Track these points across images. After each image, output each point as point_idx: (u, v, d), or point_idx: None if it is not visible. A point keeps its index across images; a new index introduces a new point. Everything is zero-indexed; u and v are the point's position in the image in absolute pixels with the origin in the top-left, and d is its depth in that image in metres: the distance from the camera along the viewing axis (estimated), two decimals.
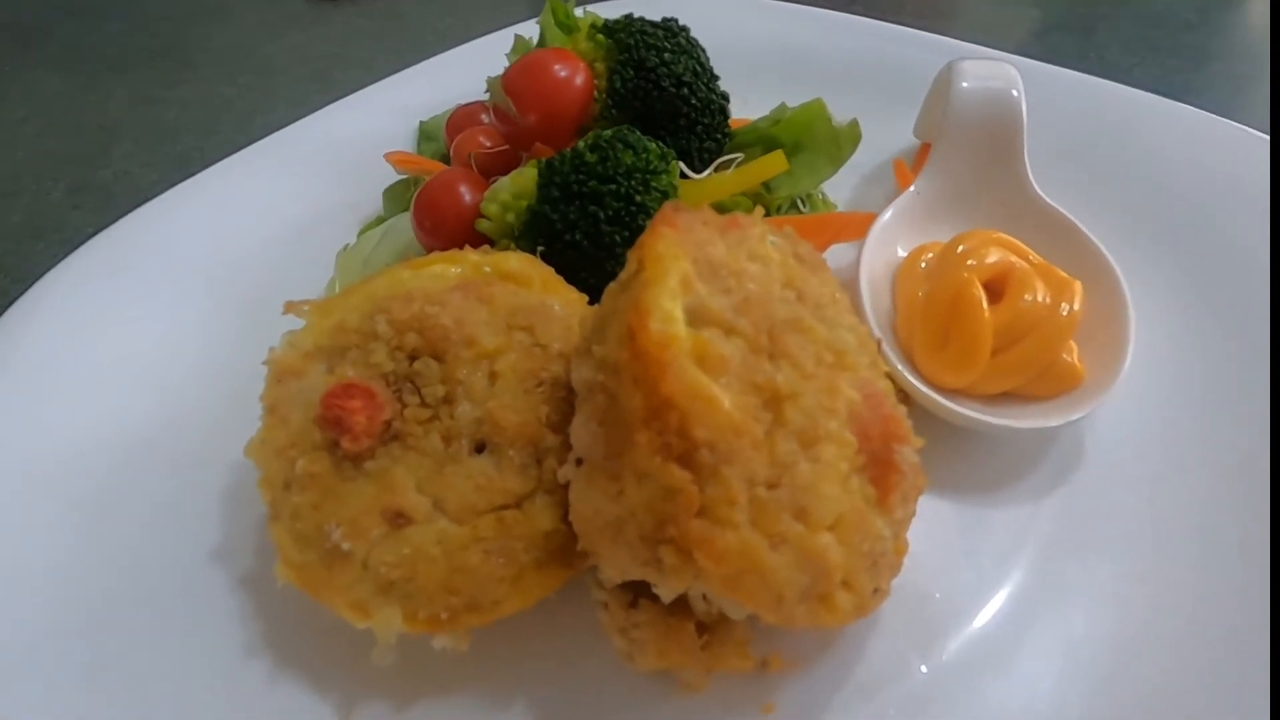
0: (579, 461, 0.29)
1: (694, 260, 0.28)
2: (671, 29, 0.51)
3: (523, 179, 0.44)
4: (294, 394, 0.36)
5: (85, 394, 0.46)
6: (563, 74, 0.48)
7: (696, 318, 0.27)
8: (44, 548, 0.39)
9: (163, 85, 0.86)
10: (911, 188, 0.48)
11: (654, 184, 0.42)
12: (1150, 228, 0.49)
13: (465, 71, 0.63)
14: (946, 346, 0.39)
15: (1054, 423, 0.37)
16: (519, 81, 0.48)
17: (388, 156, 0.57)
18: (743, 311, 0.28)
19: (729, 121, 0.54)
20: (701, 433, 0.25)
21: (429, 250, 0.48)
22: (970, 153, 0.48)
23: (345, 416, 0.32)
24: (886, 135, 0.60)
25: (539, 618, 0.33)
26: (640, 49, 0.49)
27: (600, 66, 0.50)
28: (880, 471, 0.30)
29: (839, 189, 0.57)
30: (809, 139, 0.53)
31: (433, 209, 0.47)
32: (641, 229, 0.41)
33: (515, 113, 0.47)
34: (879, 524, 0.29)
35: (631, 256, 0.29)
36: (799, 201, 0.54)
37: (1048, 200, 0.46)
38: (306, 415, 0.34)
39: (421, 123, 0.65)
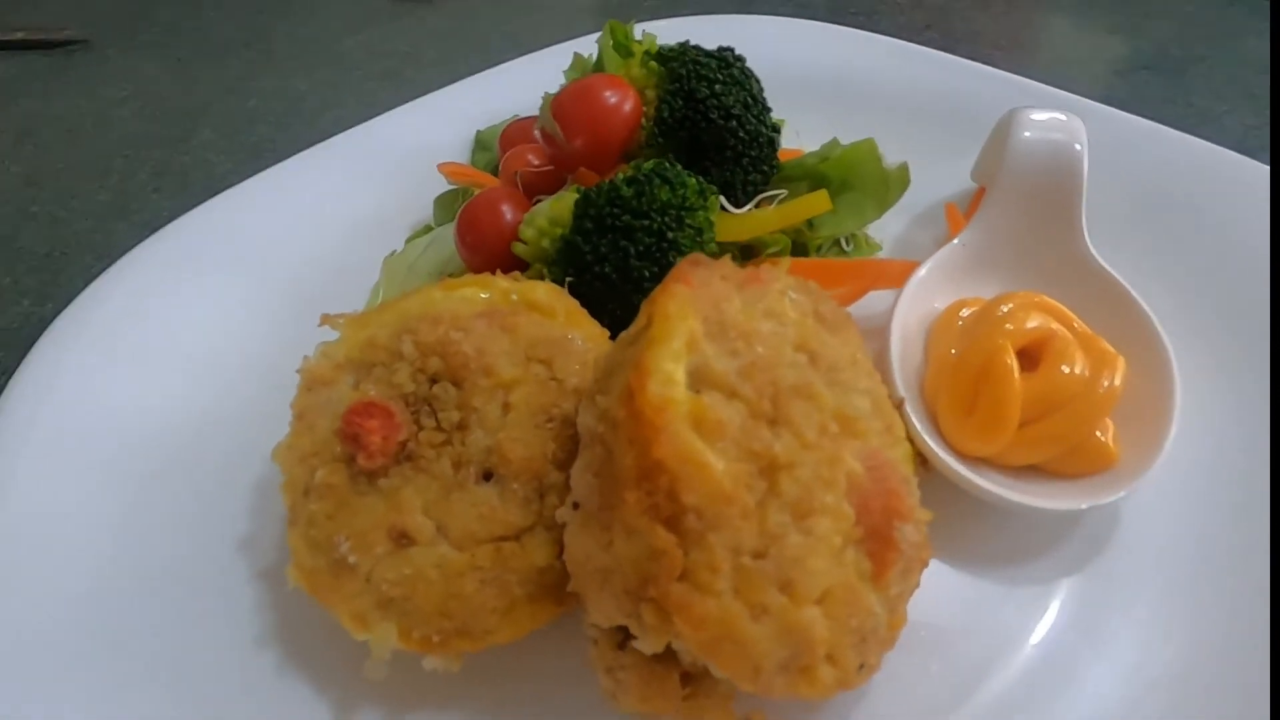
0: (575, 505, 0.30)
1: (705, 318, 0.28)
2: (726, 59, 0.51)
3: (560, 205, 0.44)
4: (322, 403, 0.37)
5: (141, 376, 0.49)
6: (611, 101, 0.49)
7: (700, 379, 0.27)
8: (80, 516, 0.42)
9: (246, 75, 0.90)
10: (957, 239, 0.46)
11: (688, 221, 0.42)
12: (1213, 301, 0.46)
13: (526, 82, 0.64)
14: (973, 413, 0.38)
15: (1078, 505, 0.35)
16: (567, 106, 0.48)
17: (440, 167, 0.58)
18: (747, 375, 0.28)
19: (778, 154, 0.53)
20: (690, 498, 0.25)
21: (469, 265, 0.50)
22: (1023, 207, 0.46)
23: (362, 434, 0.34)
24: (943, 175, 0.58)
25: (534, 642, 0.34)
26: (692, 79, 0.49)
27: (651, 94, 0.50)
28: (878, 546, 0.29)
29: (887, 229, 0.56)
30: (857, 179, 0.52)
31: (474, 226, 0.49)
32: (670, 265, 0.41)
33: (561, 137, 0.48)
34: (871, 599, 0.29)
35: (643, 310, 0.29)
36: (843, 241, 0.53)
37: (1102, 263, 0.44)
38: (331, 426, 0.36)
39: (478, 132, 0.66)
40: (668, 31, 0.69)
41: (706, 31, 0.73)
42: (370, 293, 0.55)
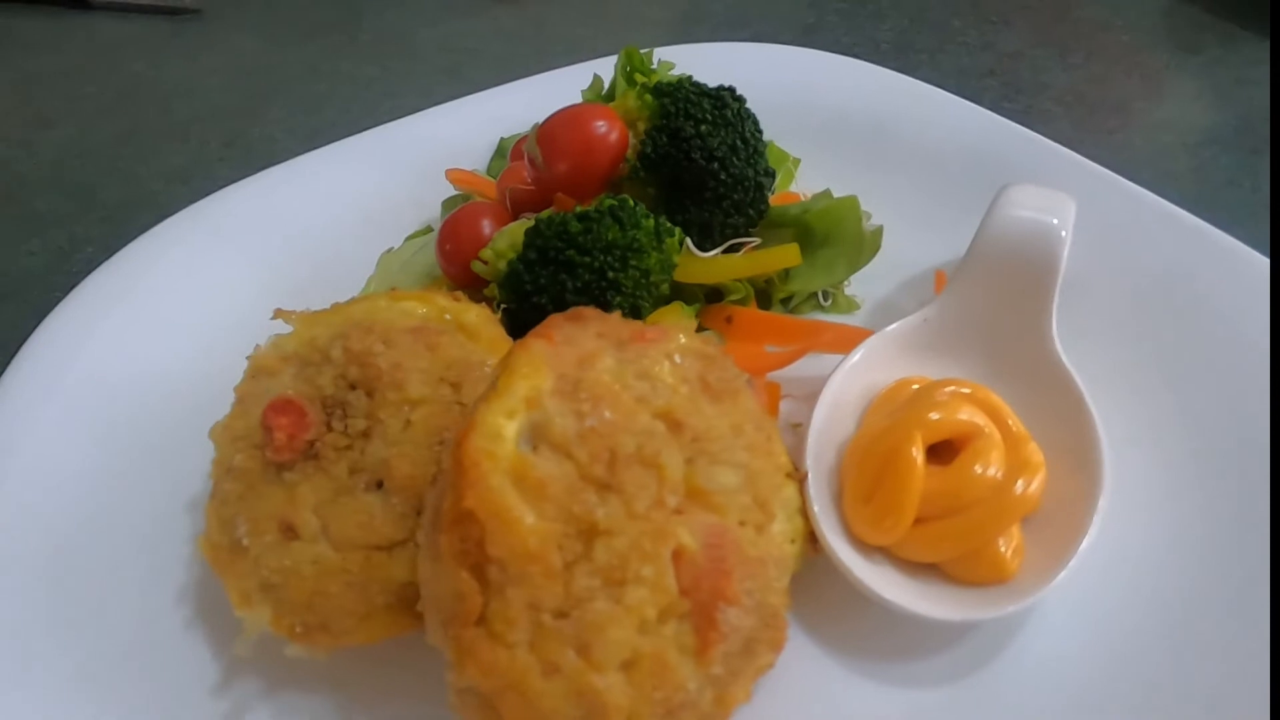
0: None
1: (560, 375, 0.29)
2: (723, 98, 0.51)
3: (520, 231, 0.46)
4: (261, 392, 0.40)
5: (149, 341, 0.54)
6: (596, 132, 0.50)
7: (537, 435, 0.28)
8: (72, 468, 0.47)
9: (326, 57, 0.96)
10: (920, 313, 0.45)
11: (633, 262, 0.43)
12: (1195, 405, 0.42)
13: (563, 94, 0.66)
14: (871, 499, 0.37)
15: (951, 617, 0.34)
16: (551, 133, 0.50)
17: (448, 173, 0.61)
18: (586, 439, 0.28)
19: (767, 199, 0.53)
20: (494, 550, 0.27)
21: (445, 273, 0.52)
22: (994, 288, 0.44)
23: (273, 429, 0.37)
24: (949, 237, 0.55)
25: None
26: (679, 116, 0.49)
27: (641, 127, 0.51)
28: (702, 624, 0.29)
29: (874, 289, 0.54)
30: (838, 235, 0.51)
31: (453, 237, 0.51)
32: (609, 303, 0.42)
33: (540, 163, 0.49)
34: (687, 674, 0.29)
35: (499, 362, 0.31)
36: (820, 296, 0.52)
37: (1063, 361, 0.41)
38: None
39: (501, 139, 0.69)
40: (697, 57, 0.70)
41: (736, 59, 0.73)
42: (364, 284, 0.58)
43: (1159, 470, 0.41)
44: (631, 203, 0.45)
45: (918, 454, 0.36)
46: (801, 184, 0.63)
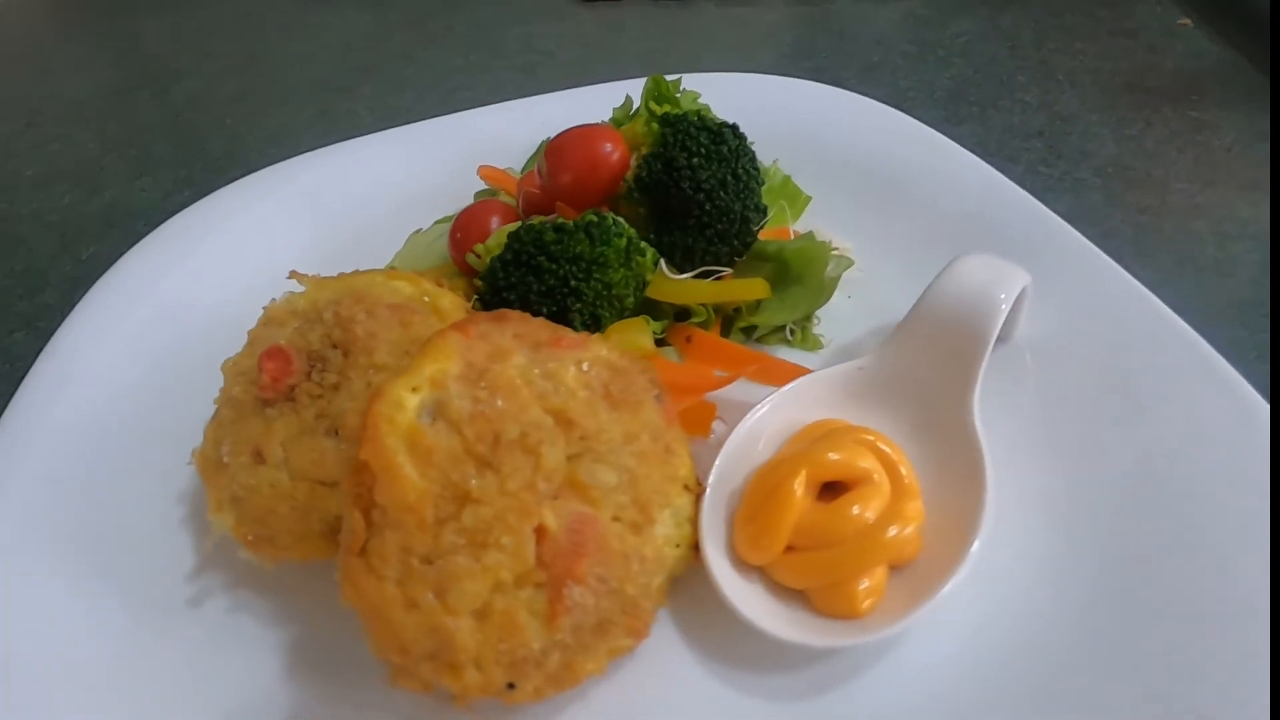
0: None
1: (468, 364, 0.35)
2: (722, 135, 0.55)
3: (510, 228, 0.51)
4: (268, 336, 0.48)
5: (211, 281, 0.63)
6: (600, 151, 0.55)
7: (437, 411, 0.34)
8: (130, 371, 0.57)
9: (421, 44, 1.05)
10: (856, 362, 0.47)
11: (597, 275, 0.48)
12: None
13: (606, 105, 0.71)
14: (753, 522, 0.40)
15: (788, 637, 0.37)
16: (560, 148, 0.55)
17: (480, 168, 0.67)
18: (475, 420, 0.34)
19: (753, 233, 0.56)
20: (380, 497, 0.32)
21: (453, 259, 0.58)
22: (928, 349, 0.46)
23: (263, 371, 0.44)
24: None
25: None
26: (675, 147, 0.53)
27: (643, 151, 0.55)
28: (553, 596, 0.34)
29: (850, 329, 0.56)
30: (808, 276, 0.54)
31: (463, 228, 0.57)
32: (568, 309, 0.47)
33: (545, 174, 0.55)
34: (532, 634, 0.34)
35: (421, 345, 0.36)
36: (788, 330, 0.55)
37: (976, 429, 0.43)
38: None
39: (542, 141, 0.74)
40: (728, 87, 0.73)
41: (766, 92, 0.76)
42: (392, 258, 0.65)
43: (1038, 543, 0.42)
44: (610, 220, 0.50)
45: (798, 486, 0.39)
46: (808, 221, 0.66)
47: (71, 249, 0.77)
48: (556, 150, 0.55)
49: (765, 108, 0.73)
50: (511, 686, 0.34)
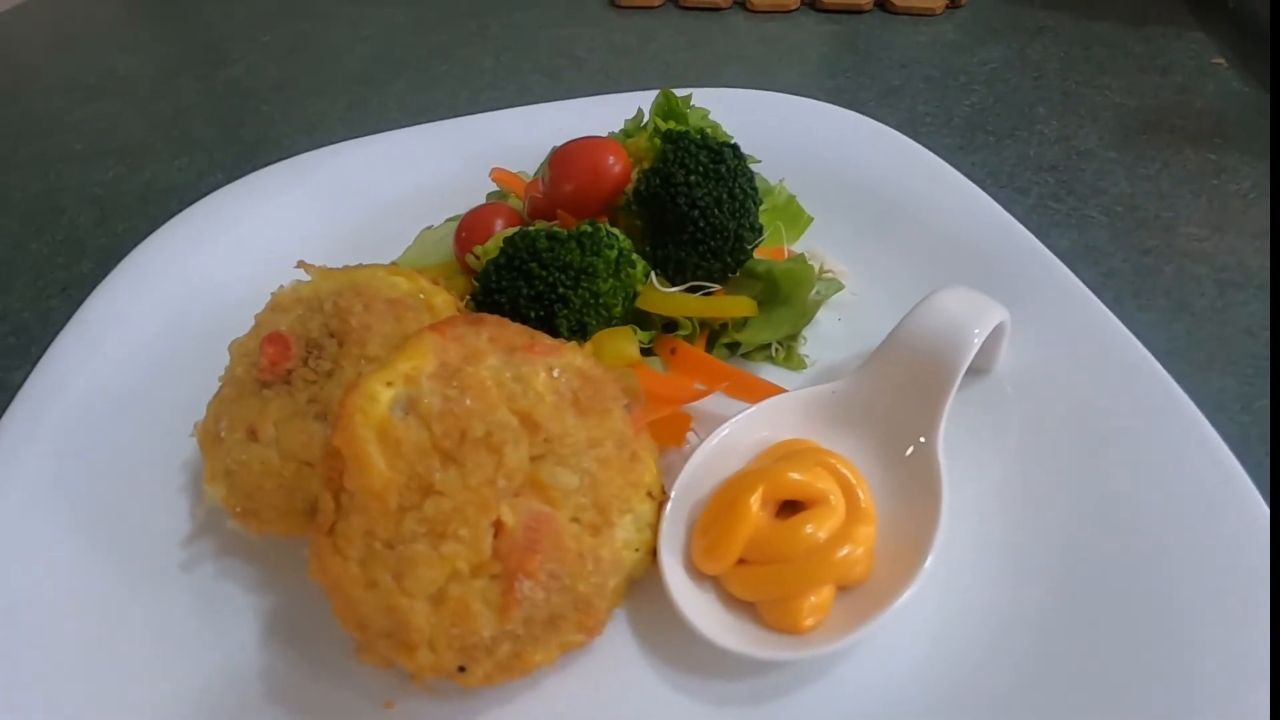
0: None
1: (442, 363, 0.37)
2: (721, 154, 0.56)
3: (508, 233, 0.53)
4: (271, 321, 0.51)
5: (231, 262, 0.66)
6: (603, 163, 0.56)
7: (409, 406, 0.36)
8: (150, 344, 0.60)
9: (455, 42, 1.08)
10: (830, 385, 0.48)
11: (585, 284, 0.50)
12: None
13: (620, 115, 0.72)
14: (709, 532, 0.42)
15: (727, 645, 0.38)
16: (564, 157, 0.57)
17: (492, 171, 0.70)
18: (443, 416, 0.36)
19: (747, 251, 0.57)
20: (349, 482, 0.34)
21: (457, 258, 0.61)
22: (899, 378, 0.47)
23: (263, 354, 0.47)
24: None
25: None
26: (674, 164, 0.55)
27: (645, 165, 0.57)
28: (506, 587, 0.36)
29: (837, 350, 0.57)
30: (795, 296, 0.55)
31: (468, 228, 0.59)
32: (554, 314, 0.49)
33: (548, 182, 0.57)
34: (484, 622, 0.36)
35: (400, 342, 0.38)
36: (774, 349, 0.56)
37: (938, 460, 0.44)
38: None
39: (554, 148, 0.76)
40: (741, 104, 0.75)
41: (776, 110, 0.77)
42: (402, 253, 0.68)
43: (990, 570, 0.43)
44: (603, 232, 0.51)
45: (755, 502, 0.41)
46: (809, 241, 0.67)
47: (109, 222, 0.81)
48: (561, 159, 0.57)
49: (776, 126, 0.75)
50: (463, 669, 0.36)
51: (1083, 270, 0.66)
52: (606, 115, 0.75)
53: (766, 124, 0.75)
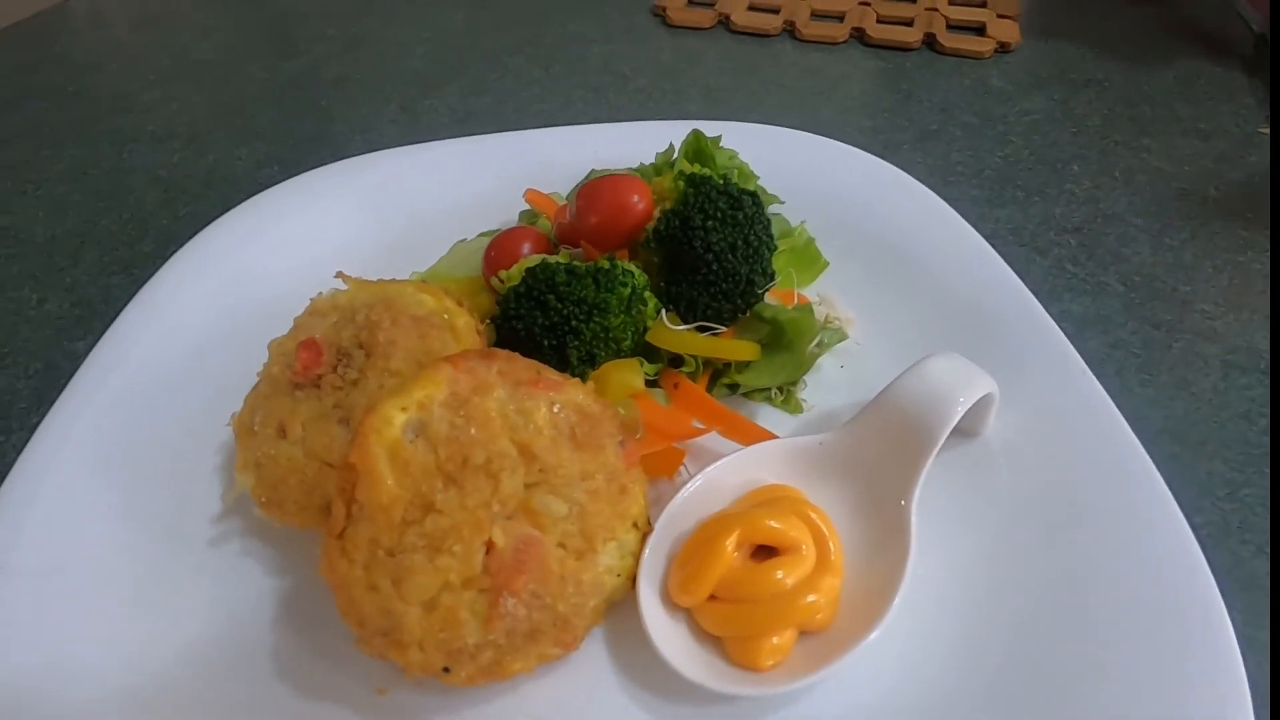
0: None
1: (453, 393, 0.40)
2: (740, 200, 0.59)
3: (531, 262, 0.57)
4: (308, 325, 0.55)
5: (278, 259, 0.71)
6: (627, 201, 0.60)
7: (420, 429, 0.40)
8: (201, 330, 0.65)
9: (508, 50, 1.12)
10: (818, 436, 0.51)
11: (597, 319, 0.53)
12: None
13: (657, 143, 0.75)
14: (685, 567, 0.45)
15: (688, 675, 0.41)
16: (591, 192, 0.60)
17: (526, 192, 0.73)
18: (450, 442, 0.39)
19: (758, 296, 0.60)
20: (360, 494, 0.38)
21: (484, 276, 0.64)
22: (883, 437, 0.49)
23: (296, 358, 0.51)
24: None
25: None
26: (693, 208, 0.58)
27: (666, 205, 0.60)
28: (492, 601, 0.40)
29: (838, 398, 0.59)
30: (798, 344, 0.57)
31: (497, 248, 0.63)
32: (566, 345, 0.53)
33: (574, 214, 0.60)
34: (470, 630, 0.40)
35: (418, 370, 0.42)
36: (774, 391, 0.59)
37: (910, 523, 0.46)
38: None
39: (592, 170, 0.80)
40: (770, 142, 0.77)
41: (807, 150, 0.79)
42: (435, 262, 0.72)
43: (946, 628, 0.45)
44: (620, 270, 0.55)
45: (731, 543, 0.44)
46: (822, 286, 0.69)
47: (172, 205, 0.87)
48: (588, 194, 0.60)
49: (804, 168, 0.77)
50: (447, 670, 0.40)
51: (1090, 339, 0.68)
52: (641, 142, 0.78)
53: (795, 164, 0.77)
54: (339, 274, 0.57)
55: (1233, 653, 0.42)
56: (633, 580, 0.45)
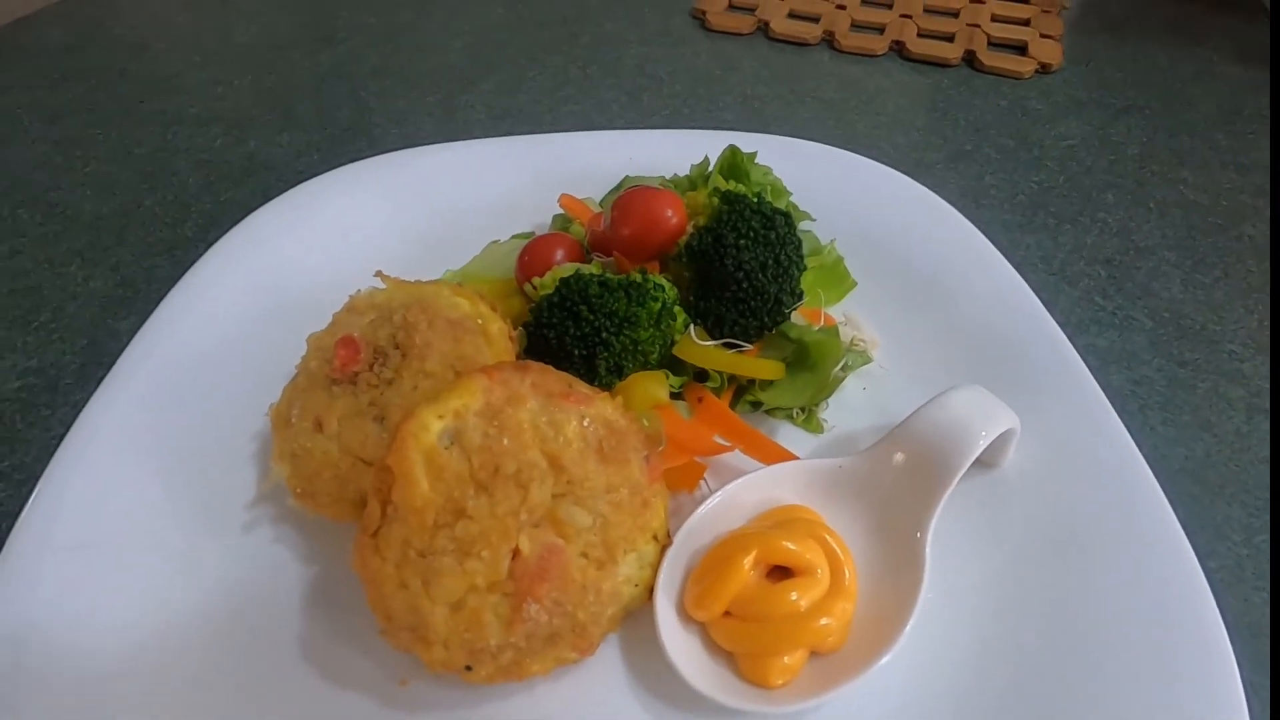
0: None
1: (488, 403, 0.42)
2: (773, 220, 0.60)
3: (564, 271, 0.58)
4: (346, 322, 0.56)
5: (314, 254, 0.72)
6: (660, 215, 0.61)
7: (455, 437, 0.41)
8: (236, 323, 0.67)
9: (546, 48, 1.12)
10: (838, 460, 0.52)
11: (627, 332, 0.54)
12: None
13: (693, 152, 0.76)
14: (702, 582, 0.46)
15: (700, 687, 0.43)
16: (626, 204, 0.61)
17: (561, 197, 0.74)
18: (482, 450, 0.41)
19: (785, 314, 0.61)
20: (395, 496, 0.40)
21: (516, 280, 0.66)
22: (903, 465, 0.50)
23: (335, 355, 0.53)
24: None
25: None
26: (725, 225, 0.58)
27: (700, 221, 0.61)
28: (515, 605, 0.41)
29: (860, 420, 0.60)
30: (822, 366, 0.58)
31: (531, 253, 0.64)
32: (596, 356, 0.54)
33: (608, 224, 0.61)
34: (492, 632, 0.41)
35: (455, 379, 0.43)
36: (796, 410, 0.60)
37: (925, 553, 0.47)
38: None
39: (626, 177, 0.81)
40: (804, 157, 0.77)
41: (839, 168, 0.79)
42: (467, 262, 0.73)
43: (954, 655, 0.46)
44: (651, 284, 0.56)
45: (747, 562, 0.45)
46: (849, 305, 0.69)
47: (214, 189, 0.89)
48: (623, 205, 0.61)
49: (836, 185, 0.77)
50: (469, 669, 0.42)
51: (1115, 374, 0.68)
52: (677, 150, 0.78)
53: (827, 180, 0.77)
54: (378, 273, 0.58)
55: (1238, 698, 0.43)
56: (650, 591, 0.47)
